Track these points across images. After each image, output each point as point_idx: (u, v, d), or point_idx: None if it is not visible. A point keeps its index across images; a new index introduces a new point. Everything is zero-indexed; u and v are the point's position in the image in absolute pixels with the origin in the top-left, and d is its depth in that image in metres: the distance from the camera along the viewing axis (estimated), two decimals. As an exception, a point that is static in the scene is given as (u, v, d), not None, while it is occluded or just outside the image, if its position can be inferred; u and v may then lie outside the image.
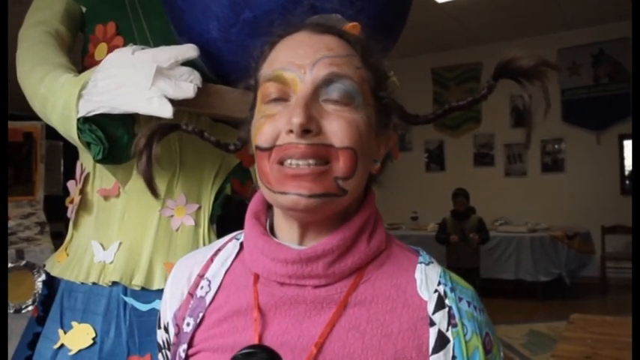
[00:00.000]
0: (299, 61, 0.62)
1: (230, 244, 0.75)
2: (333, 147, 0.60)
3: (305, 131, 0.59)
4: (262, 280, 0.66)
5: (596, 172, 6.93)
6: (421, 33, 6.82)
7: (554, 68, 0.66)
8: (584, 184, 6.98)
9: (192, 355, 0.68)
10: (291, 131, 0.59)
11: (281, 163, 0.61)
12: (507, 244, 6.11)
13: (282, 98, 0.63)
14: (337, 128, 0.60)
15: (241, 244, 0.73)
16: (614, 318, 2.79)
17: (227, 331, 0.65)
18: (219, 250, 0.74)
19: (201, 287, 0.71)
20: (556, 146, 7.28)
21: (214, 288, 0.70)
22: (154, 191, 0.75)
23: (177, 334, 0.70)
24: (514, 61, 0.67)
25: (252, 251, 0.68)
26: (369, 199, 0.69)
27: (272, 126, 0.62)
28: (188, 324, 0.69)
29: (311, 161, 0.59)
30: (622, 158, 6.89)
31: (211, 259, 0.73)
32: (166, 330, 0.74)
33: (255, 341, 0.62)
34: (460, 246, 4.99)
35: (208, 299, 0.69)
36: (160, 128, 0.75)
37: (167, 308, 0.74)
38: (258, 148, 0.63)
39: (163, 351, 0.76)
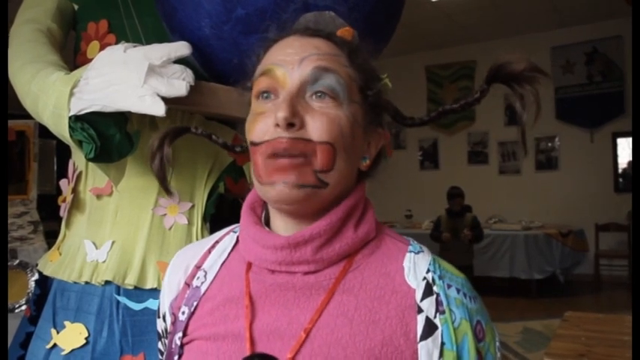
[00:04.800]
0: (288, 57, 0.66)
1: (227, 237, 0.77)
2: (312, 141, 0.63)
3: (289, 125, 0.62)
4: (254, 269, 0.69)
5: (589, 170, 6.96)
6: (415, 31, 6.83)
7: (542, 74, 0.67)
8: (578, 182, 7.00)
9: (186, 344, 0.70)
10: (277, 125, 0.62)
11: (271, 156, 0.63)
12: (501, 242, 6.13)
13: (272, 93, 0.66)
14: (319, 124, 0.63)
15: (238, 237, 0.75)
16: (608, 315, 2.81)
17: (219, 320, 0.67)
18: (217, 242, 0.77)
19: (197, 277, 0.73)
20: (550, 144, 7.31)
21: (210, 278, 0.72)
22: (167, 190, 0.84)
23: (173, 323, 0.73)
24: (505, 66, 0.68)
25: (245, 240, 0.71)
26: (358, 188, 0.70)
27: (263, 122, 0.65)
28: (183, 312, 0.71)
29: (293, 152, 0.62)
30: (615, 156, 6.91)
31: (209, 251, 0.76)
32: (164, 319, 0.77)
33: (246, 328, 0.64)
34: (453, 244, 5.00)
35: (203, 289, 0.72)
36: (170, 131, 0.80)
37: (165, 298, 0.77)
38: (252, 143, 0.66)
39: (162, 339, 0.79)
